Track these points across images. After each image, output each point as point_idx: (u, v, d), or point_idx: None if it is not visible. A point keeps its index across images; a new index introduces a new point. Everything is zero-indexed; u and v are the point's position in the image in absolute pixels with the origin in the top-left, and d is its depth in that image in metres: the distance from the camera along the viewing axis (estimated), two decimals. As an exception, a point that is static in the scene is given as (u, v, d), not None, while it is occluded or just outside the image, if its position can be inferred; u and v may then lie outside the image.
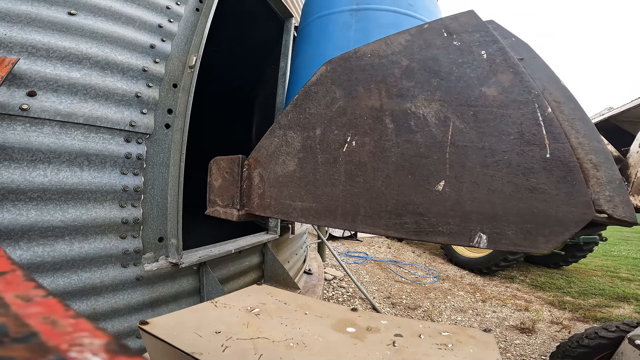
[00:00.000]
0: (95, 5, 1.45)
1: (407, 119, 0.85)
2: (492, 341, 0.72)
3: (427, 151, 0.82)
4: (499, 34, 0.82)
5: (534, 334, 3.29)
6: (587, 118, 0.74)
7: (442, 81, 0.83)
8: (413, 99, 0.85)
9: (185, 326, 0.73)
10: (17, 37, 1.24)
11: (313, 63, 2.11)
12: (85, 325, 0.21)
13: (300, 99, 1.00)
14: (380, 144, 0.87)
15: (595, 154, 0.72)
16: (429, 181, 0.81)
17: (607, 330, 1.59)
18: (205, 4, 1.89)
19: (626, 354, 1.43)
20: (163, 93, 1.68)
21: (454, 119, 0.80)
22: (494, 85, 0.78)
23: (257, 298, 0.99)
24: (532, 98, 0.74)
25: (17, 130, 1.23)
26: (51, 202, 1.30)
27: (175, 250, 1.68)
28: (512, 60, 0.78)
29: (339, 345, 0.67)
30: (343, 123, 0.93)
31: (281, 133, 1.02)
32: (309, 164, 0.96)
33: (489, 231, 0.75)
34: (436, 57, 0.85)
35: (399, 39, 0.90)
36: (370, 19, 2.06)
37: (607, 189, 0.70)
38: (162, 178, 1.68)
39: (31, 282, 0.26)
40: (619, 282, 5.37)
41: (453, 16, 0.86)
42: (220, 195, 1.11)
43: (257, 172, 1.05)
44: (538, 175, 0.72)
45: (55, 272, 1.31)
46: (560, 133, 0.71)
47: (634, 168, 0.89)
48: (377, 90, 0.90)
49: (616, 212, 0.69)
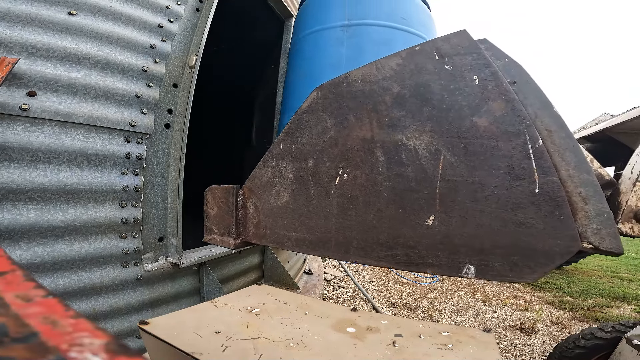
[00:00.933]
0: (95, 5, 1.45)
1: (398, 152, 0.86)
2: (492, 341, 0.72)
3: (418, 185, 0.83)
4: (491, 54, 0.82)
5: (534, 334, 3.29)
6: (578, 148, 0.74)
7: (434, 110, 0.83)
8: (404, 129, 0.85)
9: (185, 326, 0.73)
10: (17, 37, 1.24)
11: (306, 81, 2.09)
12: (85, 325, 0.21)
13: (292, 127, 1.01)
14: (371, 178, 0.88)
15: (585, 187, 0.72)
16: (419, 215, 0.82)
17: (603, 330, 1.59)
18: (205, 4, 1.89)
19: (624, 354, 1.43)
20: (163, 93, 1.68)
21: (445, 151, 0.81)
22: (485, 115, 0.78)
23: (257, 298, 0.99)
24: (523, 129, 0.75)
25: (17, 130, 1.23)
26: (51, 202, 1.30)
27: (175, 250, 1.68)
28: (504, 87, 0.78)
29: (339, 345, 0.67)
30: (335, 154, 0.93)
31: (274, 163, 1.03)
32: (302, 196, 0.97)
33: (477, 263, 0.77)
34: (428, 83, 0.85)
35: (390, 63, 0.90)
36: (362, 35, 2.03)
37: (594, 221, 0.71)
38: (162, 178, 1.68)
39: (31, 282, 0.26)
40: (619, 282, 5.37)
41: (445, 37, 0.85)
42: (217, 223, 1.13)
43: (252, 202, 1.07)
44: (526, 210, 0.73)
45: (55, 272, 1.31)
46: (550, 167, 0.72)
47: (624, 195, 0.89)
48: (368, 120, 0.90)
49: (602, 243, 0.70)
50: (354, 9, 2.10)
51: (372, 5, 2.10)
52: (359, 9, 2.10)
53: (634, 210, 0.87)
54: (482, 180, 0.77)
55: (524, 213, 0.73)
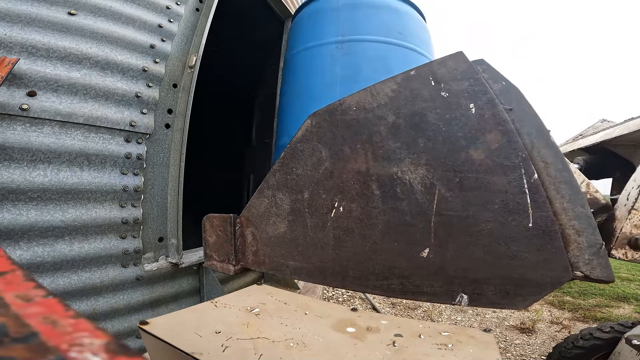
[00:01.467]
0: (95, 5, 1.45)
1: (393, 185, 0.86)
2: (492, 341, 0.72)
3: (413, 219, 0.83)
4: (488, 76, 0.82)
5: (534, 334, 3.29)
6: (573, 181, 0.75)
7: (429, 142, 0.83)
8: (399, 162, 0.85)
9: (185, 326, 0.73)
10: (17, 37, 1.24)
11: (302, 102, 2.05)
12: (85, 325, 0.21)
13: (287, 157, 1.01)
14: (367, 211, 0.88)
15: (578, 220, 0.73)
16: (414, 248, 0.83)
17: (602, 331, 1.58)
18: (205, 4, 1.89)
19: (623, 354, 1.43)
20: (163, 93, 1.68)
21: (440, 186, 0.81)
22: (481, 147, 0.78)
23: (257, 298, 0.99)
24: (519, 162, 0.75)
25: (17, 130, 1.23)
26: (51, 202, 1.30)
27: (175, 250, 1.68)
28: (500, 116, 0.77)
29: (339, 345, 0.67)
30: (330, 187, 0.93)
31: (270, 194, 1.04)
32: (299, 227, 0.98)
33: (470, 292, 0.78)
34: (423, 112, 0.84)
35: (385, 89, 0.89)
36: (357, 52, 1.97)
37: (587, 253, 0.72)
38: (162, 178, 1.68)
39: (31, 282, 0.26)
40: (619, 282, 5.37)
41: (441, 60, 0.85)
42: (216, 250, 1.14)
43: (250, 231, 1.08)
44: (519, 243, 0.74)
45: (55, 272, 1.31)
46: (544, 202, 0.73)
47: (619, 222, 0.89)
48: (363, 152, 0.90)
49: (593, 273, 0.72)
50: (348, 24, 2.04)
51: (367, 20, 2.04)
52: (353, 24, 2.03)
53: (628, 237, 0.88)
54: (477, 215, 0.77)
55: (517, 246, 0.74)
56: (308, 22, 2.24)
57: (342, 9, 2.10)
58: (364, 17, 2.05)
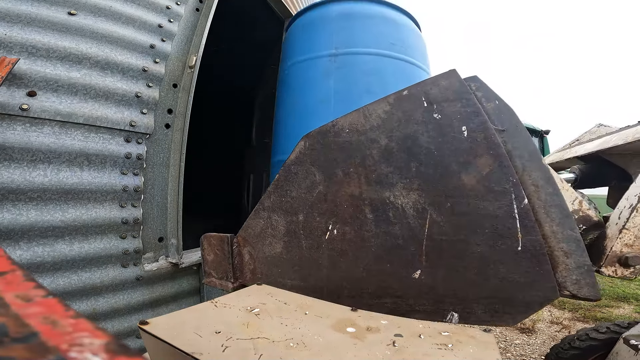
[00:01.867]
0: (95, 5, 1.45)
1: (385, 210, 0.87)
2: (492, 341, 0.72)
3: (405, 243, 0.85)
4: (482, 95, 0.82)
5: (534, 334, 3.30)
6: (563, 204, 0.76)
7: (421, 167, 0.83)
8: (392, 187, 0.86)
9: (185, 326, 0.73)
10: (17, 37, 1.24)
11: (296, 117, 2.02)
12: (85, 325, 0.21)
13: (282, 179, 1.02)
14: (360, 234, 0.90)
15: (567, 242, 0.75)
16: (406, 270, 0.84)
17: (598, 331, 1.58)
18: (205, 4, 1.89)
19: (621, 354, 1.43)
20: (163, 93, 1.68)
21: (431, 210, 0.82)
22: (473, 172, 0.79)
23: (257, 298, 0.99)
24: (509, 187, 0.76)
25: (17, 130, 1.23)
26: (51, 202, 1.30)
27: (175, 250, 1.68)
28: (492, 140, 0.78)
29: (339, 345, 0.67)
30: (324, 210, 0.95)
31: (266, 215, 1.05)
32: (294, 248, 1.00)
33: (460, 310, 0.80)
34: (415, 135, 0.85)
35: (378, 110, 0.89)
36: (351, 66, 1.93)
37: (574, 273, 0.74)
38: (162, 178, 1.68)
39: (31, 282, 0.26)
40: (619, 282, 5.37)
41: (434, 79, 0.85)
42: (215, 268, 1.16)
43: (247, 250, 1.10)
44: (508, 265, 0.76)
45: (55, 272, 1.31)
46: (534, 226, 0.74)
47: (610, 241, 0.91)
48: (356, 175, 0.91)
49: (580, 292, 0.74)
50: (341, 35, 1.98)
51: (360, 32, 1.99)
52: (346, 35, 1.98)
53: (618, 256, 0.89)
54: (467, 239, 0.79)
55: (505, 268, 0.76)
56: (302, 33, 2.19)
57: (335, 20, 2.04)
58: (358, 29, 2.00)
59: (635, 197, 0.91)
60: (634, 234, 0.88)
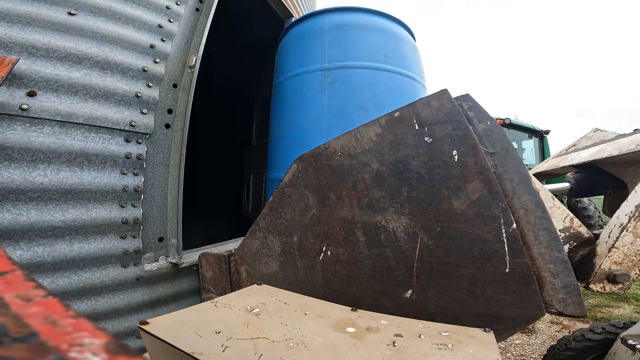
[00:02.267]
0: (95, 5, 1.45)
1: (377, 233, 0.89)
2: (492, 341, 0.72)
3: (397, 265, 0.87)
4: (473, 115, 0.83)
5: (534, 334, 3.29)
6: (552, 227, 0.79)
7: (412, 191, 0.85)
8: (383, 211, 0.88)
9: (185, 326, 0.73)
10: (17, 37, 1.24)
11: (291, 133, 2.01)
12: (85, 325, 0.21)
13: (276, 202, 1.05)
14: (353, 256, 0.93)
15: (555, 264, 0.78)
16: (397, 289, 0.87)
17: (593, 332, 1.58)
18: (205, 4, 1.89)
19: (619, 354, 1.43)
20: (163, 93, 1.68)
21: (422, 235, 0.84)
22: (462, 196, 0.81)
23: (257, 298, 0.99)
24: (498, 212, 0.78)
25: (17, 130, 1.23)
26: (51, 202, 1.30)
27: (175, 250, 1.68)
28: (482, 164, 0.79)
29: (339, 345, 0.67)
30: (318, 232, 0.98)
31: (261, 236, 1.08)
32: (290, 267, 1.03)
33: None
34: (406, 160, 0.86)
35: (370, 133, 0.91)
36: (344, 80, 1.90)
37: (561, 292, 0.77)
38: (162, 178, 1.68)
39: (31, 282, 0.26)
40: (619, 282, 5.37)
41: (426, 100, 0.86)
42: (213, 284, 1.20)
43: (244, 268, 1.13)
44: (496, 286, 0.78)
45: (55, 272, 1.31)
46: (521, 249, 0.77)
47: (599, 258, 0.93)
48: (348, 200, 0.93)
49: (567, 310, 0.78)
50: (334, 49, 1.95)
51: (353, 44, 1.95)
52: (339, 48, 1.95)
53: (606, 273, 0.91)
54: (456, 262, 0.81)
55: (493, 289, 0.79)
56: (294, 46, 2.14)
57: (328, 31, 1.99)
58: (350, 41, 1.95)
59: (625, 217, 0.93)
60: (623, 252, 0.91)
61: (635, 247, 0.90)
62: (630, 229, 0.90)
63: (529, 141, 7.03)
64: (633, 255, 0.90)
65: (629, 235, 0.90)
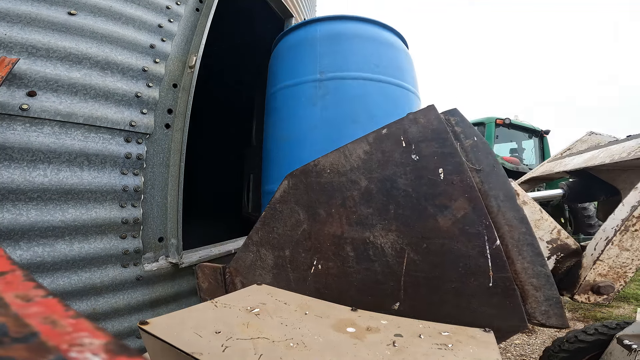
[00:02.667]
0: (95, 5, 1.45)
1: (366, 249, 0.92)
2: (492, 341, 0.72)
3: (385, 279, 0.90)
4: (460, 130, 0.85)
5: (534, 334, 3.29)
6: (535, 243, 0.81)
7: (399, 209, 0.88)
8: (371, 228, 0.91)
9: (185, 326, 0.73)
10: (17, 37, 1.24)
11: (285, 145, 2.01)
12: (85, 325, 0.21)
13: (268, 217, 1.09)
14: (343, 270, 0.96)
15: (537, 278, 0.81)
16: (386, 302, 0.90)
17: (587, 333, 1.59)
18: (205, 4, 1.89)
19: (615, 354, 1.44)
20: (163, 93, 1.68)
21: (409, 250, 0.87)
22: (448, 214, 0.83)
23: (257, 298, 0.99)
24: (482, 230, 0.80)
25: (17, 130, 1.23)
26: (51, 202, 1.30)
27: (175, 250, 1.68)
28: (467, 182, 0.81)
29: (339, 345, 0.67)
30: (309, 247, 1.01)
31: (255, 249, 1.12)
32: (283, 280, 1.06)
33: None
34: (394, 177, 0.89)
35: (358, 150, 0.93)
36: (336, 92, 1.89)
37: (543, 305, 0.80)
38: (162, 178, 1.68)
39: (31, 282, 0.26)
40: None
41: (413, 117, 0.88)
42: (210, 295, 1.24)
43: (239, 280, 1.16)
44: (480, 300, 0.81)
45: (55, 272, 1.31)
46: (504, 265, 0.79)
47: (584, 270, 0.94)
48: (338, 216, 0.96)
49: (549, 321, 0.80)
50: (325, 59, 1.93)
51: (344, 54, 1.94)
52: (331, 59, 1.93)
53: (591, 285, 0.93)
54: (442, 276, 0.84)
55: (477, 302, 0.81)
56: (287, 56, 2.12)
57: (319, 41, 1.98)
58: (342, 51, 1.94)
59: (611, 230, 0.94)
60: (608, 265, 0.92)
61: (621, 260, 0.92)
62: (616, 242, 0.92)
63: (529, 141, 7.03)
64: (618, 267, 0.92)
65: (614, 249, 0.92)
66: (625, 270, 0.92)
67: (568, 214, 5.68)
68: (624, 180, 1.09)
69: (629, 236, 0.91)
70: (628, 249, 0.91)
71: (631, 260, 0.91)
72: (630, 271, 0.92)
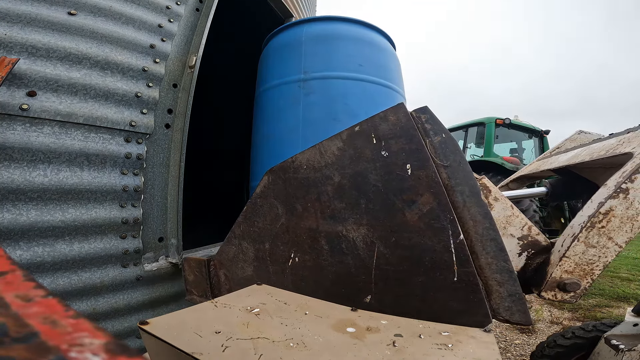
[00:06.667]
0: (95, 5, 1.45)
1: (339, 242, 0.95)
2: (492, 341, 0.72)
3: (357, 271, 0.93)
4: (430, 127, 0.87)
5: (534, 334, 3.30)
6: (498, 238, 0.83)
7: (370, 204, 0.91)
8: (344, 222, 0.95)
9: (185, 326, 0.73)
10: (17, 37, 1.24)
11: (269, 144, 2.04)
12: (85, 325, 0.21)
13: (249, 211, 1.13)
14: (318, 262, 0.99)
15: (501, 273, 0.82)
16: (358, 295, 0.93)
17: (584, 330, 1.59)
18: (205, 4, 1.89)
19: (602, 354, 1.44)
20: (163, 93, 1.68)
21: (379, 244, 0.90)
22: (415, 209, 0.86)
23: (257, 298, 0.99)
24: (447, 224, 0.82)
25: (17, 130, 1.23)
26: (51, 202, 1.30)
27: (175, 250, 1.68)
28: (433, 178, 0.84)
29: (339, 345, 0.67)
30: (287, 240, 1.05)
31: (237, 242, 1.16)
32: (263, 272, 1.10)
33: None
34: (365, 173, 0.91)
35: (332, 147, 0.97)
36: (319, 91, 1.90)
37: (507, 301, 0.82)
38: (162, 178, 1.68)
39: (31, 282, 0.26)
40: (619, 282, 5.37)
41: (384, 114, 0.91)
42: (195, 287, 1.29)
43: (222, 272, 1.20)
44: (445, 294, 0.83)
45: (55, 272, 1.31)
46: (468, 259, 0.81)
47: (551, 267, 0.95)
48: (313, 210, 1.00)
49: (513, 318, 0.82)
50: (309, 59, 1.95)
51: (328, 55, 1.95)
52: (314, 59, 1.94)
53: (557, 281, 0.93)
54: (410, 270, 0.86)
55: (443, 296, 0.83)
56: (274, 56, 2.15)
57: (305, 42, 1.99)
58: (326, 51, 1.95)
59: (578, 226, 0.94)
60: (574, 262, 0.92)
61: (587, 256, 0.91)
62: (582, 239, 0.91)
63: (529, 141, 7.04)
64: (585, 264, 0.92)
65: (580, 245, 0.91)
66: (592, 267, 0.91)
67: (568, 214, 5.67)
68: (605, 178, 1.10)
69: (595, 232, 0.90)
70: (594, 246, 0.91)
71: (598, 257, 0.91)
72: (597, 268, 0.91)
